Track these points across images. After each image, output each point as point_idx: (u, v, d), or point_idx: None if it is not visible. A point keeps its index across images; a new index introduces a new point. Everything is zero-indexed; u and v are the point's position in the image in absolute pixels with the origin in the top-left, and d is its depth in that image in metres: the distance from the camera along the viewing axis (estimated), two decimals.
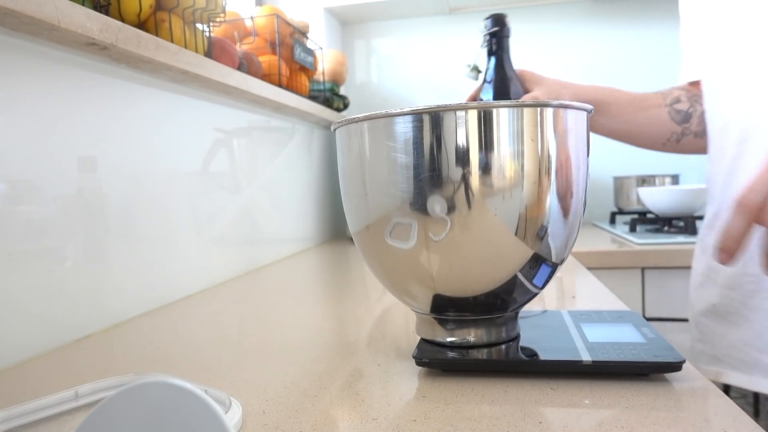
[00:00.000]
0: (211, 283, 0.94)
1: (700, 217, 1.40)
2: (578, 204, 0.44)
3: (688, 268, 1.19)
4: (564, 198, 0.42)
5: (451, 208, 0.40)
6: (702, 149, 0.83)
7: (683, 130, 0.84)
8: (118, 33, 0.65)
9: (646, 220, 1.46)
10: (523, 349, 0.46)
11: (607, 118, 0.85)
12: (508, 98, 0.85)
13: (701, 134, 0.83)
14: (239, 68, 1.01)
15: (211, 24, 0.93)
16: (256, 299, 0.83)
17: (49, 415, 0.40)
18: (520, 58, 1.90)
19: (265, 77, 1.16)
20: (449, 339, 0.47)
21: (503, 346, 0.47)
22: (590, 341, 0.46)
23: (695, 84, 0.85)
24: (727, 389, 0.79)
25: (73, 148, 0.65)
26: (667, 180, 1.56)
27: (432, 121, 0.40)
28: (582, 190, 0.44)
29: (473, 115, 0.39)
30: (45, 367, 0.54)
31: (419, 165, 0.41)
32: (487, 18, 0.88)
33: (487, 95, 0.88)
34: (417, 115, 0.40)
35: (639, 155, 1.70)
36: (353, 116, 0.44)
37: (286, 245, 1.27)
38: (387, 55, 1.85)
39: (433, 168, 0.40)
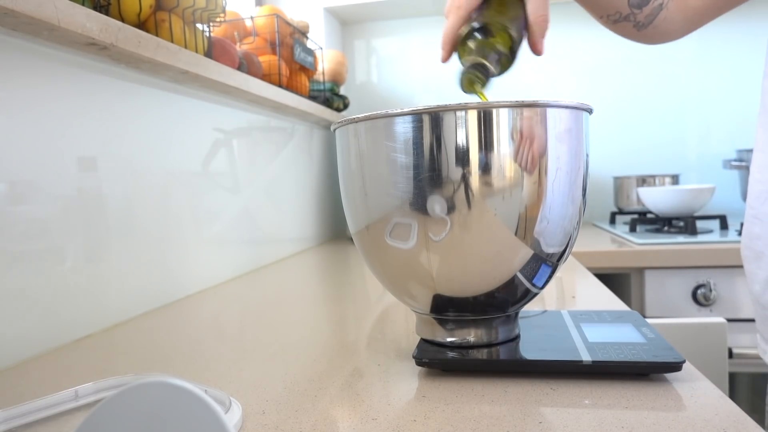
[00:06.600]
0: (211, 283, 0.94)
1: (700, 217, 1.40)
2: (578, 204, 0.44)
3: (688, 268, 1.20)
4: (564, 198, 0.42)
5: (451, 208, 0.40)
6: (633, 40, 0.72)
7: (628, 14, 0.70)
8: (118, 33, 0.65)
9: (646, 220, 1.46)
10: (523, 349, 0.46)
11: None
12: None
13: (643, 27, 0.71)
14: (239, 68, 1.00)
15: (211, 24, 0.93)
16: (256, 299, 0.83)
17: (49, 415, 0.40)
18: (520, 59, 1.90)
19: (265, 77, 1.16)
20: (449, 339, 0.47)
21: (503, 347, 0.47)
22: (590, 341, 0.46)
23: None
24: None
25: (73, 148, 0.65)
26: (667, 180, 1.56)
27: (432, 122, 0.40)
28: (582, 190, 0.44)
29: (473, 115, 0.39)
30: (45, 367, 0.54)
31: (419, 165, 0.40)
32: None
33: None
34: (417, 116, 0.40)
35: (639, 155, 1.71)
36: (353, 116, 0.44)
37: (286, 245, 1.27)
38: (387, 55, 1.85)
39: (433, 168, 0.40)
